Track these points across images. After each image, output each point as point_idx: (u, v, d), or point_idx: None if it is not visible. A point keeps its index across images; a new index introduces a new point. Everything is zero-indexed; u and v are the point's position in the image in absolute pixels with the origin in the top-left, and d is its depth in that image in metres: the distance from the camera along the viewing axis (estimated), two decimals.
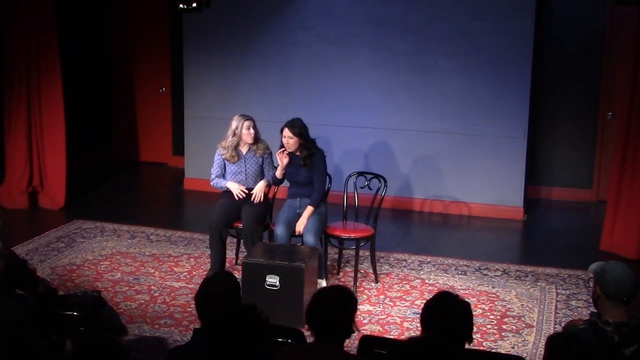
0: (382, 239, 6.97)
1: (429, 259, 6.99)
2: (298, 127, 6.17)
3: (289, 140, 6.16)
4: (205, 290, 3.54)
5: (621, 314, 3.44)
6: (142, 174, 10.50)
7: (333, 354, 3.34)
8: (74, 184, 8.69)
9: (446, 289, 5.91)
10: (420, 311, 3.47)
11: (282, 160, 6.20)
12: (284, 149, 6.21)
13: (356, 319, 3.51)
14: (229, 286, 3.57)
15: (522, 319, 5.77)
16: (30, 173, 8.40)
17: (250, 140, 6.36)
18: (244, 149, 6.41)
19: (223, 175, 6.43)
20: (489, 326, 5.63)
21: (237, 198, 6.30)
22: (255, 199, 6.28)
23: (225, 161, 6.40)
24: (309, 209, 6.14)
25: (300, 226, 6.11)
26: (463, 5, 8.20)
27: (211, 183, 6.48)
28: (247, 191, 6.31)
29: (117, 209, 8.48)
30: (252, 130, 6.35)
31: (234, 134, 6.34)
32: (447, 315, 3.31)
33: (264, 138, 6.52)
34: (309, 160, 6.19)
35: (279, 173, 6.29)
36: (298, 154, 6.24)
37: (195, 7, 7.28)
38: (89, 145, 10.27)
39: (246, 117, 6.37)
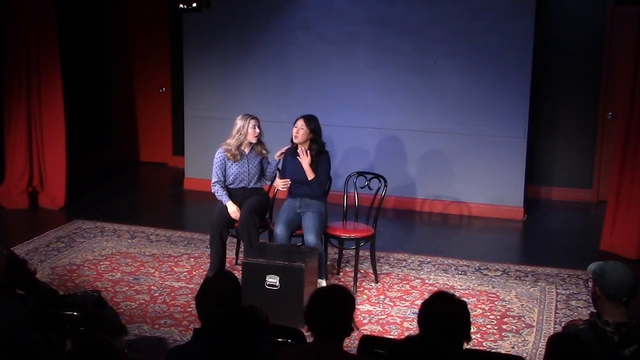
0: (382, 239, 6.97)
1: (429, 259, 6.99)
2: (314, 122, 6.23)
3: (300, 130, 6.19)
4: (206, 290, 3.54)
5: (621, 314, 3.44)
6: (142, 174, 10.50)
7: (333, 354, 3.34)
8: (74, 184, 8.69)
9: (443, 289, 5.92)
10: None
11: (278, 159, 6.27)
12: (281, 152, 6.24)
13: (356, 318, 3.51)
14: (229, 286, 3.56)
15: (522, 319, 5.78)
16: (30, 173, 8.39)
17: (254, 140, 6.35)
18: (246, 149, 6.40)
19: (224, 179, 6.40)
20: (489, 326, 5.64)
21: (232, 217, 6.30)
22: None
23: (227, 161, 6.35)
24: (307, 159, 6.15)
25: (303, 162, 6.12)
26: (463, 5, 8.19)
27: (213, 189, 6.38)
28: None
29: (117, 209, 8.48)
30: (257, 130, 6.35)
31: (239, 133, 6.32)
32: (443, 314, 3.31)
33: (263, 138, 6.54)
34: (317, 158, 6.21)
35: (282, 186, 6.28)
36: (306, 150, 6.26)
37: (195, 7, 7.28)
38: (89, 145, 10.26)
39: (252, 116, 6.37)
